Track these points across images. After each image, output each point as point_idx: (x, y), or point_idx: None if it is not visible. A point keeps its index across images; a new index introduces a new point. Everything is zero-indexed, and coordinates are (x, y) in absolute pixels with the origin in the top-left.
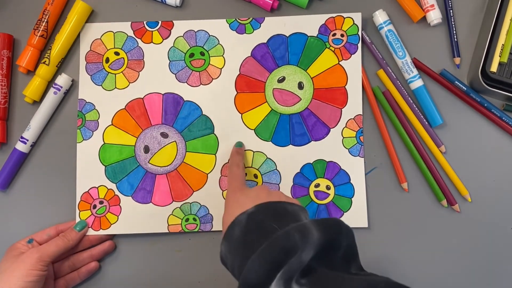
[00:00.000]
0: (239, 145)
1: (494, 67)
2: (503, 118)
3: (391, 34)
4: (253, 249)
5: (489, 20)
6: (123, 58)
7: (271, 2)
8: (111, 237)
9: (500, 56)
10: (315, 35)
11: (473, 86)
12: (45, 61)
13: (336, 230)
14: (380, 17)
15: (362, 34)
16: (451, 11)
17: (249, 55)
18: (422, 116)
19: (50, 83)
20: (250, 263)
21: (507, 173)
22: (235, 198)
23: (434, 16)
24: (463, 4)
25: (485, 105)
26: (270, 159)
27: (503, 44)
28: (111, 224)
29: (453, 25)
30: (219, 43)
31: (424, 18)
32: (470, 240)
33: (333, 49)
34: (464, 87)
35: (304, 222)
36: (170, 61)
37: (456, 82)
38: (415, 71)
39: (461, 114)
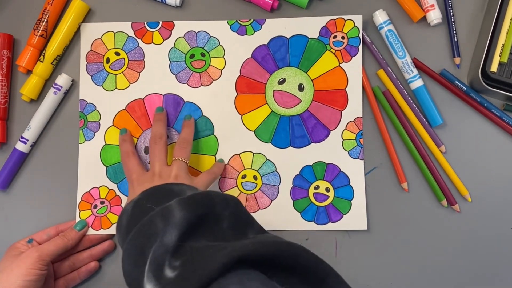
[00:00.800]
0: (124, 131)
1: (494, 67)
2: (503, 118)
3: (391, 34)
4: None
5: (489, 20)
6: (124, 58)
7: (271, 2)
8: (111, 236)
9: (500, 56)
10: (316, 37)
11: (473, 86)
12: (41, 59)
13: (205, 204)
14: (380, 17)
15: (362, 35)
16: (451, 11)
17: (250, 56)
18: (422, 116)
19: (49, 82)
20: (123, 252)
21: (507, 173)
22: (133, 190)
23: (434, 16)
24: (463, 4)
25: (485, 105)
26: (270, 160)
27: (503, 44)
28: (112, 224)
29: (453, 25)
30: (219, 44)
31: (424, 18)
32: (470, 240)
33: (333, 51)
34: (464, 87)
35: (169, 203)
36: (170, 61)
37: (456, 82)
38: (415, 71)
39: (461, 114)
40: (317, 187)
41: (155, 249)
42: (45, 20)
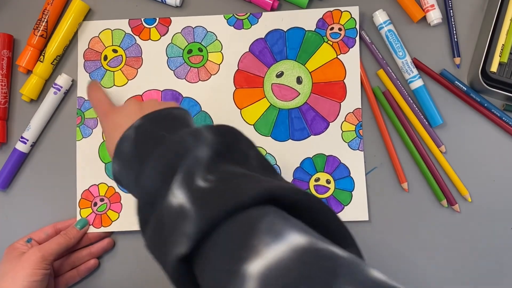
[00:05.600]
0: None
1: (494, 67)
2: (503, 118)
3: (391, 34)
4: (147, 158)
5: (489, 20)
6: (121, 55)
7: (271, 2)
8: (110, 234)
9: (500, 56)
10: (313, 30)
11: (473, 86)
12: (41, 59)
13: (231, 136)
14: (380, 17)
15: (362, 33)
16: (451, 11)
17: (247, 50)
18: (422, 116)
19: (49, 82)
20: (145, 170)
21: (507, 173)
22: (111, 121)
23: (434, 16)
24: (463, 4)
25: (485, 105)
26: (270, 154)
27: (503, 44)
28: (112, 222)
29: (453, 25)
30: (217, 39)
31: (424, 18)
32: (470, 240)
33: (331, 43)
34: (464, 87)
35: (197, 127)
36: (168, 57)
37: (456, 82)
38: (415, 71)
39: (461, 114)
40: (317, 179)
41: (187, 162)
42: (45, 20)
